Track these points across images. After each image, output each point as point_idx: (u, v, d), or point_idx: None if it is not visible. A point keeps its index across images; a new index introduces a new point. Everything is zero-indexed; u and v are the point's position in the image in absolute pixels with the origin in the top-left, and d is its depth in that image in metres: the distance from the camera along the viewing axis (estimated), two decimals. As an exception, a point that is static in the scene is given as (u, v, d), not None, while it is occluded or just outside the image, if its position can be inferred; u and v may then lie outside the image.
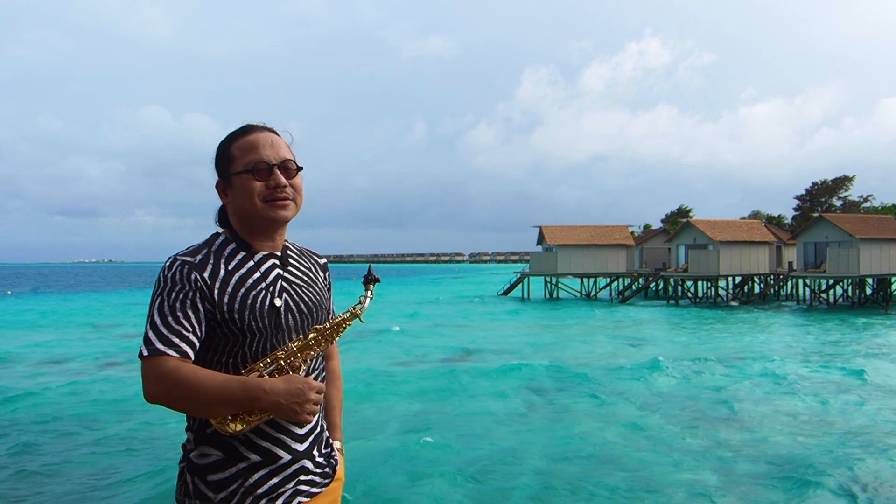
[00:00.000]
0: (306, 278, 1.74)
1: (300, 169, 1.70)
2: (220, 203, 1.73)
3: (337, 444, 1.84)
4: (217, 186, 1.70)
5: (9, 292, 56.62)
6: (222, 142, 1.70)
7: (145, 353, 1.48)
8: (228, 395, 1.47)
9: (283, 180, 1.64)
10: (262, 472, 1.58)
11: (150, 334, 1.50)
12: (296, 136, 1.77)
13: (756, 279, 39.15)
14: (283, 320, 1.64)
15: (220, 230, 1.72)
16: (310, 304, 1.71)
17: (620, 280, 44.23)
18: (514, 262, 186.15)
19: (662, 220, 71.93)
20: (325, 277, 1.83)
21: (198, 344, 1.54)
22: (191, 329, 1.52)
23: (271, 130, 1.71)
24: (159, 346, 1.48)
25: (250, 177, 1.63)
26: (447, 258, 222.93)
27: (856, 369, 14.65)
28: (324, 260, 1.88)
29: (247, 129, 1.69)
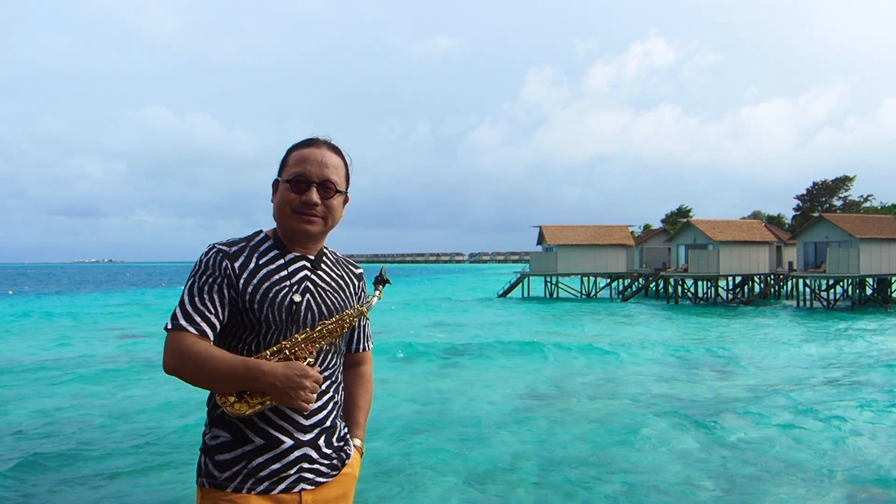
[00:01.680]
0: (335, 284, 1.85)
1: (340, 192, 1.80)
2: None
3: (356, 442, 1.93)
4: (272, 185, 1.82)
5: (9, 292, 56.69)
6: (290, 147, 1.83)
7: (169, 326, 1.64)
8: (233, 373, 1.59)
9: (315, 199, 1.74)
10: (265, 457, 1.67)
11: (177, 310, 1.66)
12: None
13: (756, 279, 39.16)
14: (300, 317, 1.74)
15: (264, 229, 1.84)
16: (332, 307, 1.81)
17: (620, 280, 44.23)
18: (515, 262, 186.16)
19: (662, 220, 71.92)
20: (357, 286, 1.93)
21: (218, 326, 1.67)
22: (213, 311, 1.66)
23: (332, 147, 1.81)
24: (182, 321, 1.63)
25: (288, 187, 1.75)
26: (447, 258, 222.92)
27: (855, 370, 14.66)
28: (359, 271, 1.97)
29: (308, 142, 1.81)
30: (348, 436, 1.89)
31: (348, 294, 1.87)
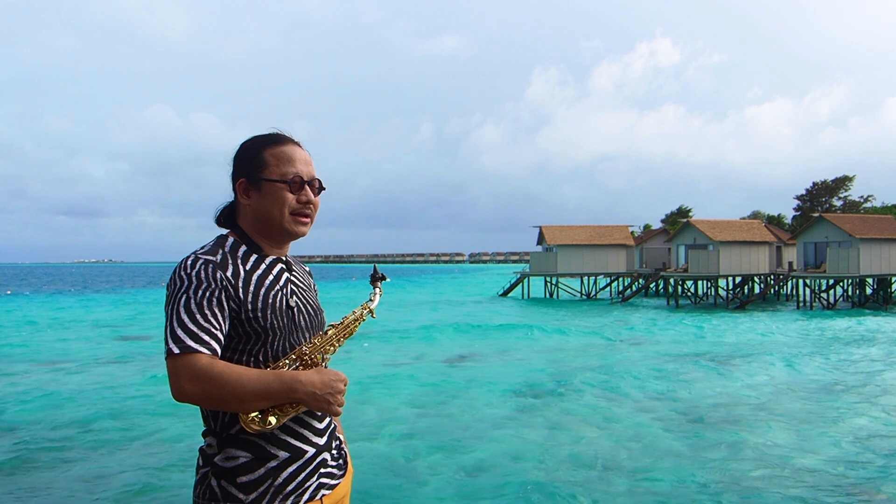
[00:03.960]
0: (306, 283, 1.83)
1: (323, 189, 1.78)
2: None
3: (341, 437, 1.91)
4: (239, 186, 1.72)
5: (8, 291, 56.78)
6: (252, 144, 1.74)
7: (176, 350, 1.48)
8: (266, 388, 1.51)
9: (313, 198, 1.73)
10: (290, 469, 1.62)
11: (179, 332, 1.50)
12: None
13: (756, 279, 39.14)
14: (297, 320, 1.70)
15: (224, 231, 1.75)
16: (314, 306, 1.80)
17: (620, 280, 44.24)
18: (515, 262, 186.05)
19: (662, 220, 71.93)
20: (314, 284, 1.92)
21: (223, 342, 1.57)
22: (218, 327, 1.55)
23: (299, 145, 1.77)
24: (191, 343, 1.49)
25: (285, 188, 1.68)
26: (447, 258, 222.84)
27: (854, 370, 14.65)
28: (309, 269, 1.96)
29: (280, 139, 1.74)
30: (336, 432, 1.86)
31: (315, 292, 1.85)
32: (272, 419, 1.55)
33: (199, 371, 1.46)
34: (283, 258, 1.78)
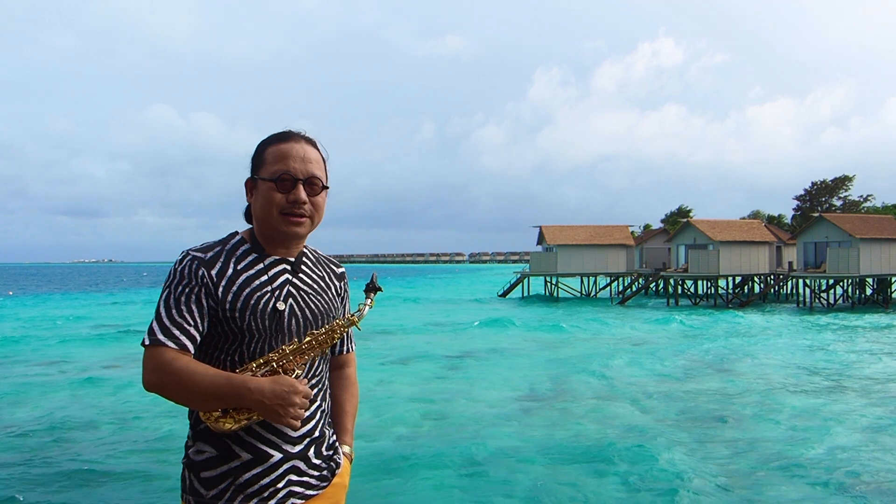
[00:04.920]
0: (317, 286, 1.76)
1: (325, 188, 1.72)
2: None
3: (345, 449, 1.85)
4: (246, 184, 1.73)
5: (10, 293, 56.74)
6: (260, 142, 1.73)
7: (147, 342, 1.55)
8: (216, 391, 1.51)
9: (303, 197, 1.66)
10: (253, 472, 1.59)
11: (154, 324, 1.56)
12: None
13: (756, 279, 39.16)
14: (285, 324, 1.66)
15: (239, 230, 1.75)
16: (317, 311, 1.72)
17: (620, 280, 44.27)
18: (515, 262, 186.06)
19: (662, 220, 71.93)
20: (339, 286, 1.84)
21: (198, 338, 1.58)
22: (192, 323, 1.57)
23: (309, 141, 1.72)
24: (160, 336, 1.54)
25: (273, 186, 1.65)
26: (447, 258, 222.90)
27: (854, 370, 14.66)
28: (341, 269, 1.88)
29: (284, 136, 1.71)
30: (337, 443, 1.81)
31: (331, 295, 1.78)
32: (229, 423, 1.54)
33: (161, 364, 1.51)
34: (291, 259, 1.73)
